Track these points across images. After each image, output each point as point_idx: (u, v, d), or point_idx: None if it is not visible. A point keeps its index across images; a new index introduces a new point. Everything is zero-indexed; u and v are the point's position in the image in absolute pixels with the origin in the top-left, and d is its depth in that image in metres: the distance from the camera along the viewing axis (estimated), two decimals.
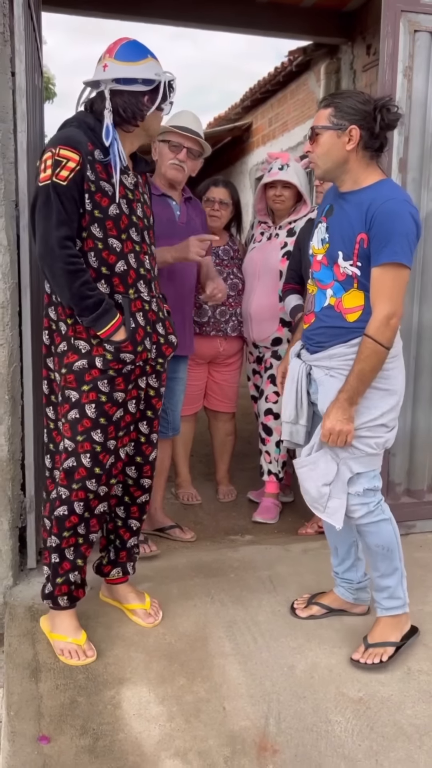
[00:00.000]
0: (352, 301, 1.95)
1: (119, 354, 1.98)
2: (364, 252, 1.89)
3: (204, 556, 2.71)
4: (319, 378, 2.03)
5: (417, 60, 2.63)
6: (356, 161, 1.92)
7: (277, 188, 3.01)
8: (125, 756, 1.72)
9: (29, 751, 1.73)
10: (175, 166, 2.62)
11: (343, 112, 1.88)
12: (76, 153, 1.91)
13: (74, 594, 2.12)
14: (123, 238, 2.01)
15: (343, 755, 1.75)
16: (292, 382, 2.11)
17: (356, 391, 1.92)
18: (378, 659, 2.05)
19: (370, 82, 6.29)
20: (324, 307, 2.02)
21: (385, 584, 2.09)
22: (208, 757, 1.73)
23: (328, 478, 2.00)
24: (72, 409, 2.01)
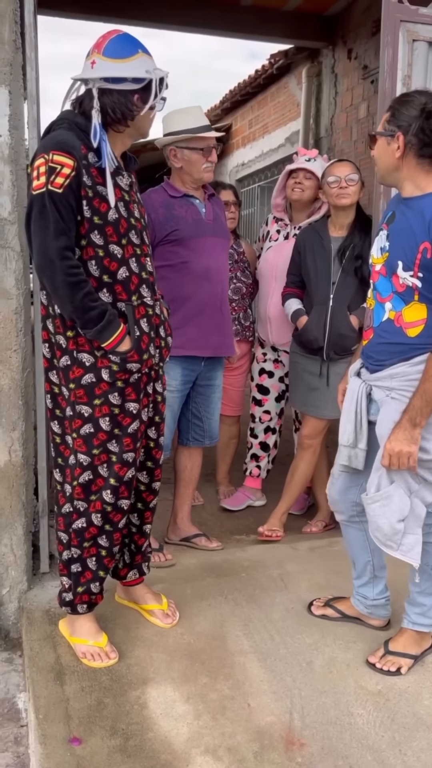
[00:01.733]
0: (414, 314, 1.85)
1: (125, 364, 1.95)
2: (427, 262, 1.79)
3: (214, 556, 2.75)
4: (380, 399, 1.93)
5: (415, 68, 2.69)
6: (411, 168, 1.84)
7: (299, 176, 3.00)
8: (157, 755, 1.76)
9: (62, 753, 1.75)
10: (209, 169, 2.60)
11: (395, 118, 1.83)
12: (70, 158, 1.84)
13: (93, 601, 2.14)
14: (123, 243, 1.96)
15: (368, 746, 1.80)
16: (351, 402, 2.00)
17: (420, 412, 1.81)
18: (395, 668, 2.06)
19: (352, 86, 6.39)
20: (383, 322, 1.92)
21: (421, 601, 2.08)
22: (238, 753, 1.77)
23: (403, 513, 1.89)
24: (85, 424, 1.99)
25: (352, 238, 2.77)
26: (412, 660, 2.08)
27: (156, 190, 2.62)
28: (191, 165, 2.60)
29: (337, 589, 2.50)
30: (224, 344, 2.73)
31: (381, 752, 1.78)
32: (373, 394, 1.95)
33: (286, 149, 7.81)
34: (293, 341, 2.95)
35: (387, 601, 2.25)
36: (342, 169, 2.73)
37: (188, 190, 2.65)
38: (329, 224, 2.87)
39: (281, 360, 3.19)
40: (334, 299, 2.76)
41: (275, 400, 3.29)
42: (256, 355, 3.30)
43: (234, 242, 3.25)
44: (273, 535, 2.90)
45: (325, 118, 6.91)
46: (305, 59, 7.05)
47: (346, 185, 2.71)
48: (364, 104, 6.19)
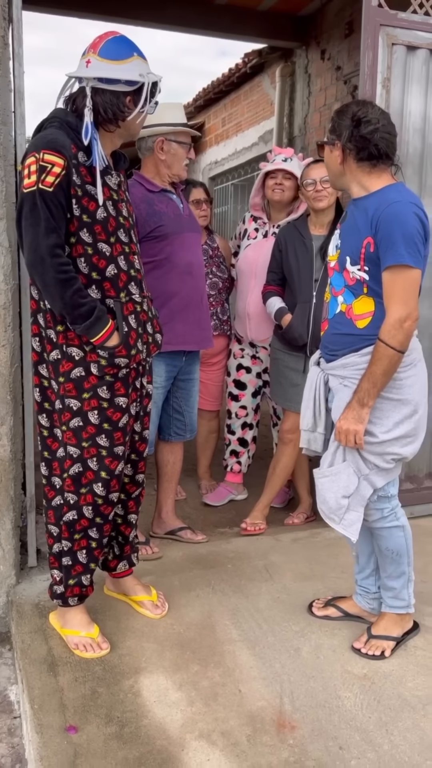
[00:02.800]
0: (362, 307, 1.97)
1: (114, 359, 1.99)
2: (370, 256, 1.91)
3: (199, 548, 2.80)
4: (334, 387, 2.06)
5: (394, 71, 2.77)
6: (354, 172, 1.97)
7: (278, 177, 3.05)
8: (152, 740, 1.79)
9: (59, 741, 1.77)
10: (187, 166, 2.66)
11: (334, 128, 1.98)
12: (61, 157, 1.87)
13: (84, 593, 2.17)
14: (112, 242, 2.00)
15: (356, 727, 1.87)
16: (310, 390, 2.14)
17: (367, 393, 1.93)
18: (380, 651, 2.12)
19: (325, 86, 6.48)
20: (336, 314, 2.05)
21: (391, 585, 2.15)
22: (231, 737, 1.81)
23: (349, 491, 2.01)
24: (74, 417, 2.02)
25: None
26: (395, 642, 2.15)
27: (133, 185, 2.61)
28: (175, 159, 2.62)
29: (321, 578, 2.57)
30: (205, 338, 2.77)
31: (369, 732, 1.85)
32: (329, 382, 2.08)
33: (259, 148, 7.87)
34: (275, 338, 3.00)
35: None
36: (318, 171, 2.78)
37: (165, 185, 2.67)
38: (309, 223, 2.93)
39: (259, 356, 3.25)
40: (317, 296, 2.82)
41: (252, 396, 3.34)
42: (233, 351, 3.35)
43: (208, 238, 3.29)
44: (256, 529, 2.96)
45: (299, 118, 6.99)
46: (279, 59, 7.12)
47: (322, 188, 2.77)
48: (338, 104, 6.26)
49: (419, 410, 2.03)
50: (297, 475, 3.17)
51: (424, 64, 2.82)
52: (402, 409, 1.99)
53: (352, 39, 5.98)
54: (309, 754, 1.77)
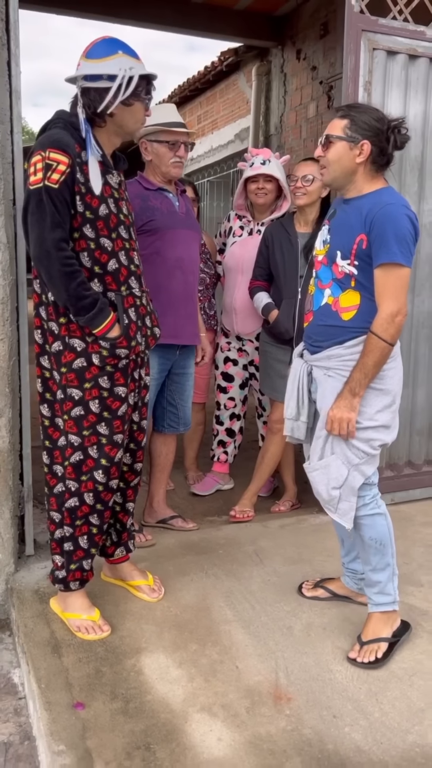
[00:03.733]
0: (348, 300, 2.04)
1: (115, 350, 2.07)
2: (362, 252, 1.98)
3: (191, 536, 2.89)
4: (319, 378, 2.12)
5: (375, 75, 2.88)
6: (363, 173, 2.03)
7: (260, 182, 3.14)
8: (156, 714, 1.88)
9: (67, 717, 1.85)
10: (177, 164, 2.69)
11: (358, 126, 1.98)
12: (65, 156, 1.96)
13: (85, 578, 2.24)
14: (113, 237, 2.08)
15: (348, 697, 1.98)
16: (294, 381, 2.21)
17: (358, 383, 2.00)
18: (374, 656, 2.11)
19: (301, 86, 6.59)
20: (321, 306, 2.12)
21: (377, 579, 2.16)
22: (231, 709, 1.91)
23: (339, 482, 2.07)
24: (76, 406, 2.10)
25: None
26: (387, 643, 2.15)
27: (131, 182, 2.69)
28: (159, 158, 2.69)
29: (309, 562, 2.68)
30: (195, 333, 2.84)
31: (360, 702, 1.96)
32: (313, 373, 2.15)
33: (235, 145, 7.97)
34: (263, 332, 3.10)
35: None
36: (301, 169, 2.89)
37: (161, 184, 2.74)
38: (295, 220, 3.03)
39: (245, 349, 3.35)
40: (302, 292, 2.93)
41: (239, 387, 3.44)
42: (221, 345, 3.44)
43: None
44: (244, 516, 3.06)
45: (275, 116, 7.10)
46: (254, 58, 7.22)
47: (302, 186, 2.88)
48: (314, 104, 6.40)
49: (396, 400, 2.13)
50: (283, 464, 3.27)
51: (402, 68, 2.93)
52: (383, 398, 2.07)
53: (327, 40, 6.11)
54: (305, 722, 1.87)
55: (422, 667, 2.11)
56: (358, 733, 1.84)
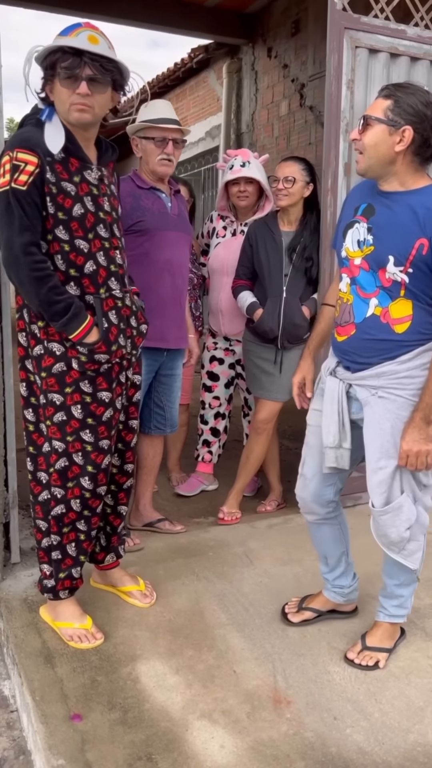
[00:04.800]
0: (401, 310, 1.80)
1: (93, 356, 2.00)
2: (421, 258, 1.74)
3: (179, 538, 2.85)
4: (364, 398, 1.88)
5: (357, 73, 2.88)
6: (404, 164, 1.78)
7: (241, 184, 3.11)
8: (156, 723, 1.85)
9: (65, 730, 1.80)
10: (164, 162, 2.61)
11: (402, 109, 1.73)
12: (33, 156, 1.89)
13: (75, 586, 2.19)
14: (90, 237, 2.00)
15: (347, 698, 1.97)
16: (332, 403, 1.95)
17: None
18: (373, 662, 2.07)
19: (273, 84, 6.59)
20: (367, 318, 1.85)
21: (399, 593, 2.07)
22: (231, 715, 1.89)
23: (411, 522, 1.91)
24: (58, 412, 2.04)
25: (302, 238, 2.92)
26: (387, 653, 2.10)
27: (124, 179, 2.62)
28: (147, 155, 2.63)
29: (299, 562, 2.67)
30: (181, 336, 2.80)
31: (359, 702, 1.96)
32: (356, 393, 1.92)
33: (206, 143, 7.93)
34: (247, 331, 3.08)
35: (357, 584, 2.28)
36: (282, 170, 2.88)
37: (154, 183, 2.68)
38: (279, 219, 3.01)
39: (232, 348, 3.32)
40: (287, 291, 2.91)
41: (224, 386, 3.41)
42: (207, 344, 3.41)
43: None
44: (232, 519, 3.04)
45: (246, 114, 7.08)
46: (225, 55, 7.19)
47: (284, 187, 2.86)
48: (286, 102, 6.40)
49: None
50: (268, 464, 3.26)
51: (384, 66, 2.94)
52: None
53: (298, 38, 6.12)
54: (306, 726, 1.86)
55: (418, 665, 2.12)
56: (359, 734, 1.84)
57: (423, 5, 3.00)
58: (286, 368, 2.96)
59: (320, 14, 5.76)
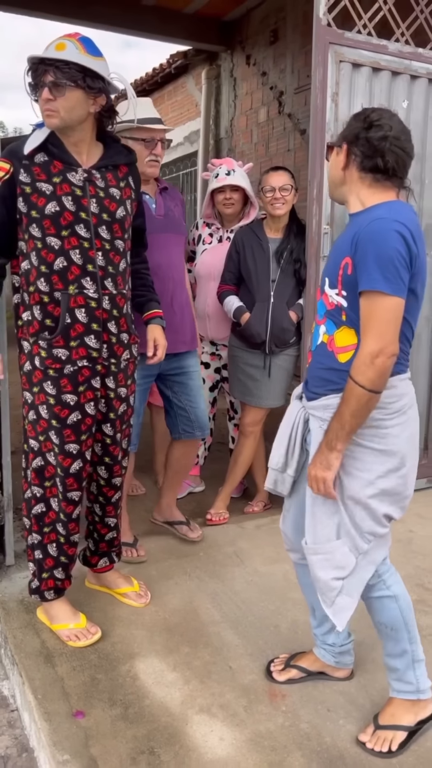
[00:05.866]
0: (344, 339, 1.71)
1: (52, 350, 2.03)
2: (348, 279, 1.65)
3: (170, 539, 2.91)
4: (314, 429, 1.79)
5: (342, 86, 2.97)
6: (354, 182, 1.73)
7: (227, 192, 3.17)
8: (157, 718, 1.90)
9: (68, 726, 1.85)
10: (153, 163, 2.58)
11: (345, 130, 1.73)
12: (6, 162, 2.01)
13: (60, 587, 2.23)
14: (64, 235, 2.01)
15: (339, 691, 2.05)
16: (287, 426, 1.88)
17: (335, 435, 1.65)
18: (387, 747, 1.79)
19: (251, 90, 6.68)
20: (318, 345, 1.80)
21: (393, 665, 1.87)
22: (229, 709, 1.95)
23: (344, 572, 1.73)
24: (30, 410, 2.12)
25: (289, 242, 3.01)
26: (405, 732, 1.83)
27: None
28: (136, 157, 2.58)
29: (287, 561, 2.70)
30: (178, 341, 2.68)
31: (351, 695, 2.03)
32: (310, 422, 1.82)
33: (184, 147, 7.99)
34: (233, 336, 3.15)
35: (352, 645, 2.06)
36: (277, 179, 2.95)
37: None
38: (265, 226, 3.09)
39: (218, 353, 3.39)
40: (274, 296, 2.99)
41: (209, 390, 3.47)
42: None
43: None
44: (220, 519, 3.10)
45: (225, 120, 7.16)
46: (203, 61, 7.26)
47: (280, 195, 2.94)
48: (264, 108, 6.49)
49: (407, 463, 1.74)
50: (255, 466, 3.33)
51: (367, 80, 3.03)
52: (386, 461, 1.71)
53: (277, 46, 6.22)
54: (302, 717, 1.93)
55: None
56: (352, 724, 1.91)
57: (403, 22, 3.10)
58: (273, 373, 3.04)
59: (298, 24, 5.88)
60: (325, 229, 3.02)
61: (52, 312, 2.04)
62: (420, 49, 3.14)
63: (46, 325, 2.05)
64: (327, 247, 3.03)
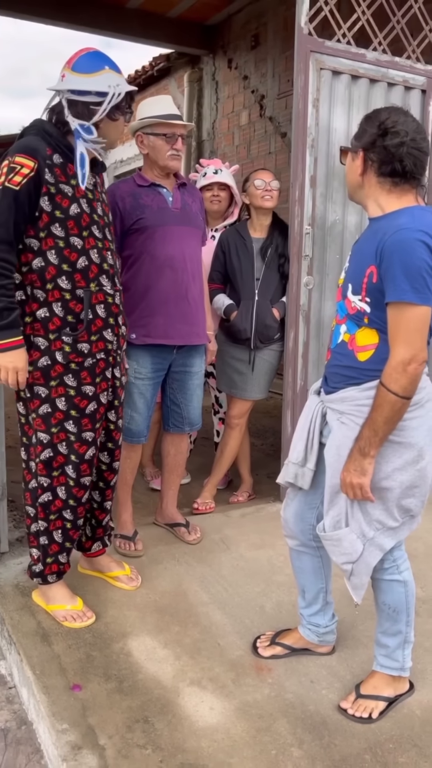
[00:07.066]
0: (366, 338, 1.77)
1: (76, 345, 2.15)
2: (373, 286, 1.71)
3: (159, 527, 3.01)
4: (331, 422, 1.85)
5: (322, 93, 3.10)
6: (372, 187, 1.77)
7: (214, 189, 3.32)
8: (150, 690, 2.01)
9: (66, 699, 1.95)
10: (175, 156, 2.64)
11: (358, 135, 1.77)
12: (31, 160, 2.04)
13: (62, 570, 2.33)
14: (84, 235, 2.14)
15: (322, 664, 2.17)
16: (305, 420, 1.94)
17: (368, 442, 1.71)
18: (367, 714, 1.93)
19: (233, 94, 6.81)
20: (338, 344, 1.86)
21: (384, 642, 1.98)
22: (218, 681, 2.06)
23: (351, 558, 1.83)
24: (43, 404, 2.18)
25: (273, 239, 3.14)
26: (386, 703, 1.96)
27: (125, 180, 2.70)
28: (156, 151, 2.64)
29: (272, 546, 2.87)
30: (192, 333, 2.72)
31: (333, 668, 2.16)
32: (327, 416, 1.89)
33: None
34: (220, 332, 3.26)
35: (335, 625, 2.18)
36: (267, 175, 3.11)
37: (156, 179, 2.69)
38: (249, 227, 3.21)
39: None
40: (258, 294, 3.11)
41: None
42: None
43: None
44: (207, 508, 3.22)
45: (207, 123, 7.28)
46: (186, 64, 7.38)
47: (270, 188, 3.08)
48: (246, 112, 6.63)
49: (425, 456, 1.78)
50: (240, 457, 3.44)
51: (346, 87, 3.17)
52: (404, 453, 1.76)
53: (258, 51, 6.36)
54: (286, 688, 2.05)
55: None
56: (334, 694, 2.04)
57: (381, 31, 3.25)
58: (258, 367, 3.16)
59: (279, 29, 6.02)
60: (307, 229, 3.15)
61: (73, 308, 2.14)
62: (397, 58, 3.28)
63: (68, 321, 2.14)
64: (309, 247, 3.16)
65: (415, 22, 3.39)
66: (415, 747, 1.84)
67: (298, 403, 3.21)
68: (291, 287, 3.14)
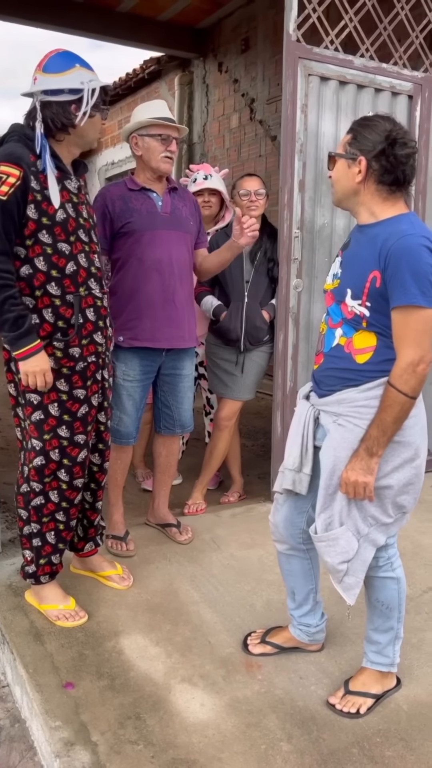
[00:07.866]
0: (364, 341, 1.80)
1: (68, 349, 2.18)
2: (375, 291, 1.74)
3: (150, 527, 3.04)
4: (326, 425, 1.88)
5: (310, 99, 3.14)
6: (369, 194, 1.79)
7: (205, 195, 3.34)
8: (142, 688, 2.04)
9: (59, 696, 1.98)
10: (167, 159, 2.64)
11: (358, 142, 1.78)
12: (16, 168, 2.03)
13: (55, 570, 2.36)
14: (72, 240, 2.15)
15: (311, 661, 2.21)
16: (298, 426, 1.96)
17: (376, 442, 1.75)
18: (355, 709, 1.97)
19: (223, 97, 6.85)
20: (333, 347, 1.88)
21: (376, 639, 2.01)
22: (209, 678, 2.10)
23: (348, 556, 1.86)
24: (35, 411, 2.20)
25: (262, 243, 3.18)
26: (373, 699, 2.00)
27: (117, 183, 2.71)
28: (150, 152, 2.65)
29: (262, 546, 2.90)
30: (179, 336, 2.73)
31: (321, 664, 2.20)
32: (321, 419, 1.91)
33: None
34: (211, 335, 3.30)
35: (325, 623, 2.23)
36: (252, 184, 3.13)
37: (147, 183, 2.70)
38: None
39: (196, 350, 3.53)
40: (248, 296, 3.15)
41: None
42: None
43: None
44: (198, 510, 3.25)
45: (198, 125, 7.32)
46: (176, 68, 7.41)
47: (255, 199, 3.12)
48: (236, 115, 6.67)
49: (421, 454, 1.84)
50: (230, 458, 3.48)
51: (334, 93, 3.21)
52: (402, 452, 1.81)
53: (248, 55, 6.40)
54: (276, 684, 2.09)
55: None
56: (322, 690, 2.07)
57: (368, 38, 3.29)
58: (247, 369, 3.20)
59: (269, 33, 6.07)
60: (296, 233, 3.19)
61: (63, 314, 2.15)
62: (383, 64, 3.33)
63: (58, 327, 2.15)
64: (298, 250, 3.20)
65: (402, 29, 3.45)
66: (401, 741, 1.88)
67: (288, 404, 3.26)
68: (280, 290, 3.18)
